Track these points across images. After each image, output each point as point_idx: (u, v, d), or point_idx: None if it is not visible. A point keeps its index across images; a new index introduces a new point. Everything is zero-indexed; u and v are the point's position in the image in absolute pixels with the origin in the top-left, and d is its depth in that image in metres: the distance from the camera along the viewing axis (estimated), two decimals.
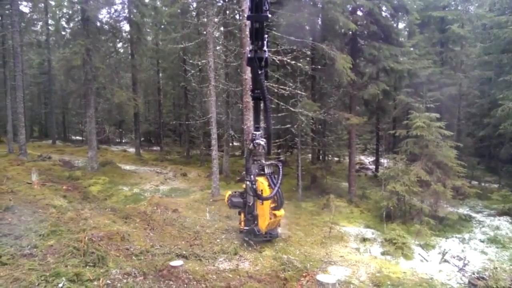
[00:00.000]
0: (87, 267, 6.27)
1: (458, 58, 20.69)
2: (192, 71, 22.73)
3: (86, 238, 7.20)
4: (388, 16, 17.76)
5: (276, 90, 15.93)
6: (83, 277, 5.75)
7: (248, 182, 7.67)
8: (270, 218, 8.48)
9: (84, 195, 15.01)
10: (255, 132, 6.68)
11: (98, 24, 20.84)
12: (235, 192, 9.56)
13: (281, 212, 8.63)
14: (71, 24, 21.73)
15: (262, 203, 7.92)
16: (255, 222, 8.81)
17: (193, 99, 30.39)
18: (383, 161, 24.63)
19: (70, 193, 14.59)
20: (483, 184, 21.54)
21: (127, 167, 23.53)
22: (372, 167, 27.58)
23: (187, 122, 26.21)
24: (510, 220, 15.39)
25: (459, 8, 22.73)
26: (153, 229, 10.09)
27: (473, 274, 9.60)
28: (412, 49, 20.11)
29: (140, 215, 11.01)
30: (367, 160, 32.74)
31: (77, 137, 44.29)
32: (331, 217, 13.92)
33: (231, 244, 9.59)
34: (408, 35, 22.94)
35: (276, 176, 7.55)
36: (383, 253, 11.79)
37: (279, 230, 10.67)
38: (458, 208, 16.83)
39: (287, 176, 20.51)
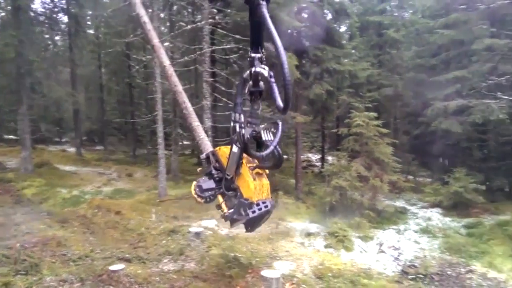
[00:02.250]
0: (18, 275, 5.87)
1: (394, 60, 22.13)
2: (137, 67, 21.94)
3: (18, 244, 6.72)
4: (331, 19, 18.50)
5: (224, 89, 15.93)
6: (13, 286, 5.37)
7: (234, 125, 4.96)
8: (254, 179, 6.20)
9: (17, 199, 13.94)
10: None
11: (32, 14, 19.35)
12: (203, 178, 7.65)
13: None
14: (1, 14, 19.96)
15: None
16: (239, 194, 6.05)
17: (139, 96, 29.35)
18: (329, 158, 25.65)
19: (1, 197, 13.48)
20: (417, 178, 23.25)
21: (67, 168, 22.14)
22: (319, 164, 28.59)
23: (132, 120, 25.26)
24: (440, 212, 16.78)
25: (395, 14, 24.33)
26: (93, 233, 9.65)
27: (406, 262, 10.36)
28: (353, 51, 21.15)
29: (79, 219, 10.48)
30: (314, 157, 33.87)
31: (11, 136, 40.80)
32: (279, 213, 14.24)
33: (177, 245, 9.46)
34: (349, 38, 24.08)
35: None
36: (326, 246, 12.31)
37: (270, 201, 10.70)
38: (395, 201, 18.06)
39: None
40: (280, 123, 3.65)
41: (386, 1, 23.69)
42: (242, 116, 3.36)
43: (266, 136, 3.44)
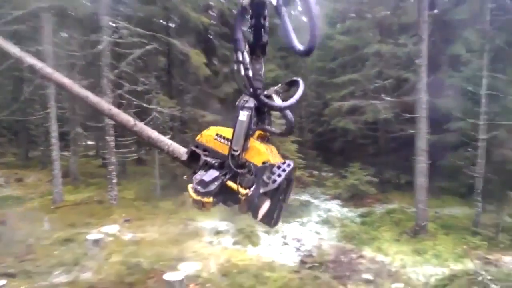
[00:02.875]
0: None
1: (299, 63, 23.47)
2: None
3: None
4: None
5: (127, 85, 15.09)
6: None
7: (238, 67, 2.11)
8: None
9: None
10: None
11: None
12: (198, 174, 2.52)
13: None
14: None
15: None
16: (253, 166, 2.36)
17: (32, 92, 26.14)
18: None
19: None
20: (322, 173, 25.02)
21: None
22: None
23: (23, 118, 22.45)
24: (340, 203, 18.27)
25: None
26: None
27: (304, 252, 11.07)
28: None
29: None
30: None
31: None
32: (188, 213, 14.06)
33: (72, 255, 8.71)
34: None
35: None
36: (234, 243, 12.53)
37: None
38: (300, 195, 19.14)
39: (147, 175, 19.77)
40: (300, 80, 2.90)
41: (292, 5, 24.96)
42: (246, 54, 2.64)
43: (278, 100, 2.70)
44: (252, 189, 2.46)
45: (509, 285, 4.88)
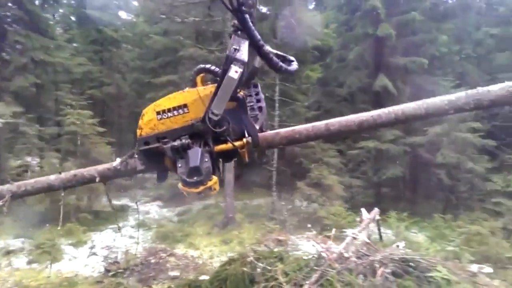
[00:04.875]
0: None
1: (115, 59, 22.19)
2: None
3: None
4: (39, 4, 16.37)
5: None
6: None
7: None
8: None
9: None
10: None
11: None
12: (178, 165, 2.42)
13: None
14: None
15: None
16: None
17: None
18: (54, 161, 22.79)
19: None
20: (144, 175, 24.34)
21: None
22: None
23: None
24: (160, 204, 18.13)
25: (117, 12, 24.38)
26: None
27: (109, 260, 10.47)
28: (72, 45, 19.57)
29: None
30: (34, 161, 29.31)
31: None
32: None
33: None
34: (64, 29, 22.19)
35: None
36: (29, 262, 10.84)
37: None
38: (120, 199, 18.10)
39: None
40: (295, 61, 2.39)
41: None
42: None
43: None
44: (248, 133, 2.35)
45: (271, 262, 5.67)
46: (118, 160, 2.63)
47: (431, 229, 13.22)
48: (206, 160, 2.19)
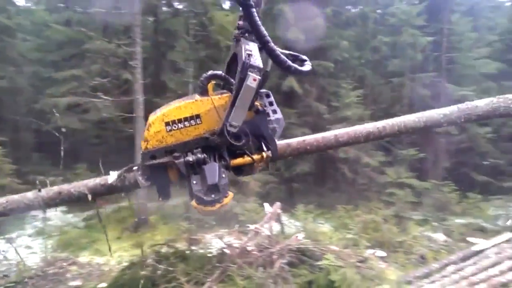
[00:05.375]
0: None
1: (10, 50, 19.72)
2: None
3: None
4: None
5: None
6: None
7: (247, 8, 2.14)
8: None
9: None
10: None
11: None
12: (193, 181, 2.22)
13: None
14: None
15: None
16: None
17: None
18: None
19: None
20: (48, 178, 22.02)
21: None
22: None
23: None
24: (64, 209, 16.62)
25: None
26: None
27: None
28: None
29: None
30: None
31: None
32: None
33: None
34: None
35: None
36: None
37: None
38: None
39: None
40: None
41: None
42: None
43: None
44: (268, 148, 2.14)
45: (172, 262, 5.62)
46: (113, 174, 2.35)
47: (335, 219, 14.37)
48: (224, 176, 2.02)
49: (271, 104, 2.26)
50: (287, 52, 2.15)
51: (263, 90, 2.24)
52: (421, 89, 17.56)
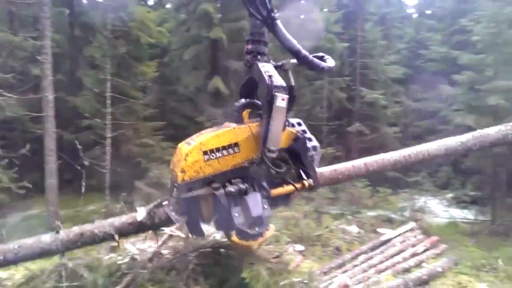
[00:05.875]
0: None
1: None
2: None
3: None
4: None
5: None
6: None
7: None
8: None
9: None
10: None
11: None
12: (234, 213, 1.97)
13: None
14: None
15: None
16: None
17: None
18: None
19: None
20: None
21: None
22: None
23: None
24: None
25: None
26: None
27: None
28: None
29: None
30: None
31: None
32: None
33: None
34: None
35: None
36: None
37: None
38: None
39: None
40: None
41: None
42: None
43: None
44: (308, 176, 2.05)
45: (76, 274, 5.22)
46: (141, 210, 2.19)
47: None
48: (266, 206, 1.91)
49: (304, 132, 2.25)
50: (312, 55, 2.15)
51: (294, 120, 2.25)
52: (338, 92, 18.78)
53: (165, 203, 2.17)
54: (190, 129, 18.85)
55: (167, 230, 7.13)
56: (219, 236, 8.46)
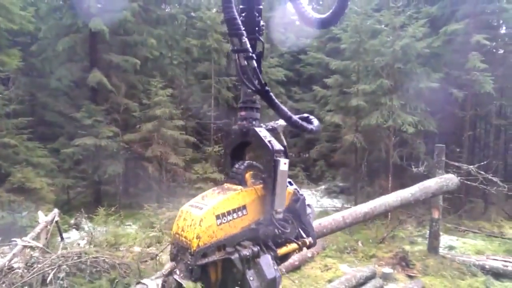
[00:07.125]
0: None
1: None
2: None
3: None
4: None
5: None
6: None
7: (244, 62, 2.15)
8: None
9: None
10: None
11: None
12: (249, 277, 1.92)
13: None
14: None
15: None
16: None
17: None
18: None
19: None
20: None
21: None
22: None
23: None
24: None
25: None
26: None
27: None
28: None
29: None
30: None
31: None
32: None
33: None
34: None
35: None
36: None
37: None
38: None
39: None
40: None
41: None
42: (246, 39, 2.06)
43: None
44: (307, 234, 2.25)
45: None
46: (151, 283, 1.96)
47: (143, 219, 14.18)
48: (276, 267, 1.91)
49: (297, 191, 2.35)
50: (298, 116, 2.30)
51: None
52: (225, 91, 19.26)
53: (176, 270, 2.05)
54: (64, 127, 17.10)
55: (19, 241, 6.40)
56: (83, 242, 7.90)
